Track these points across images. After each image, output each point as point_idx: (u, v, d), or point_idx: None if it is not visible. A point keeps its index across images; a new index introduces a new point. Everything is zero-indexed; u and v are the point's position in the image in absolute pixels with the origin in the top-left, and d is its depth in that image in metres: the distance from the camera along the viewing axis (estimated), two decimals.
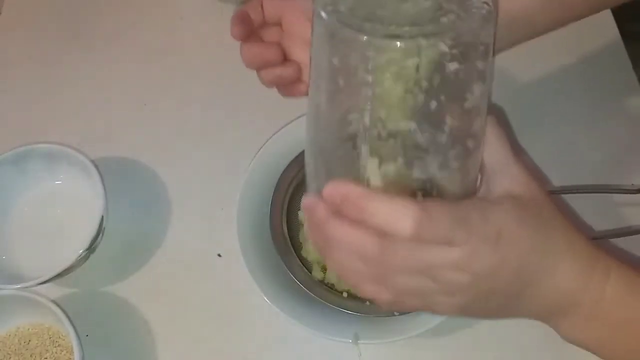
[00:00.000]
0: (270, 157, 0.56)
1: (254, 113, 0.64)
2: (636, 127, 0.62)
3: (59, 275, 0.52)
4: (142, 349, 0.53)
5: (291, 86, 0.48)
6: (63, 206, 0.58)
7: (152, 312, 0.55)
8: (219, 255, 0.57)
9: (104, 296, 0.55)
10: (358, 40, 0.32)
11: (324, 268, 0.54)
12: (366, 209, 0.31)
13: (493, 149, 0.36)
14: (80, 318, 0.50)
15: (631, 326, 0.35)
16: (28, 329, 0.53)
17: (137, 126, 0.64)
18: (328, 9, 0.33)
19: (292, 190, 0.56)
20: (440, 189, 0.35)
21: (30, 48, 0.69)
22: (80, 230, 0.54)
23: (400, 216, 0.30)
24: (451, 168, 0.34)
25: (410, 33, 0.31)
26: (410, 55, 0.32)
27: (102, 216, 0.53)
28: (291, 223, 0.55)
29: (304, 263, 0.53)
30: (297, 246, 0.54)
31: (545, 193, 0.35)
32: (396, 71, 0.32)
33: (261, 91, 0.65)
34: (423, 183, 0.34)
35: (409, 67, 0.32)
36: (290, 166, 0.56)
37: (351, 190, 0.31)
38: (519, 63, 0.66)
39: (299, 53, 0.47)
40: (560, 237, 0.34)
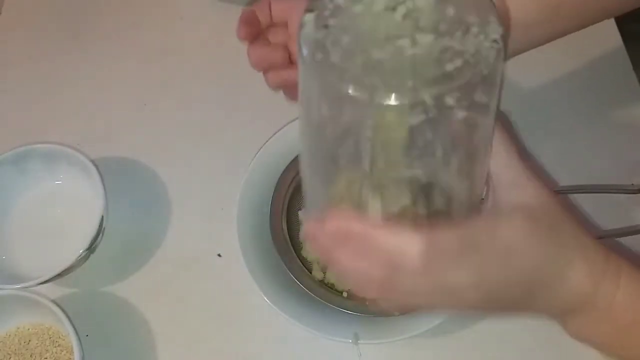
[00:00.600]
0: (270, 157, 0.56)
1: (254, 113, 0.64)
2: (636, 127, 0.62)
3: (59, 275, 0.52)
4: (142, 349, 0.53)
5: (297, 90, 0.48)
6: (63, 206, 0.58)
7: (152, 312, 0.55)
8: (219, 255, 0.57)
9: (104, 296, 0.55)
10: (357, 99, 0.27)
11: (324, 268, 0.54)
12: (371, 243, 0.30)
13: (501, 161, 0.34)
14: (80, 318, 0.50)
15: None
16: (28, 329, 0.53)
17: (137, 126, 0.64)
18: (317, 57, 0.29)
19: (292, 190, 0.56)
20: (446, 206, 0.34)
21: (30, 48, 0.69)
22: (80, 230, 0.54)
23: (407, 249, 0.30)
24: (458, 193, 0.33)
25: (414, 88, 0.27)
26: (414, 112, 0.28)
27: (102, 216, 0.53)
28: (291, 223, 0.55)
29: (304, 263, 0.53)
30: (297, 246, 0.54)
31: (555, 199, 0.34)
32: (397, 126, 0.29)
33: (261, 91, 0.65)
34: (427, 203, 0.33)
35: (412, 122, 0.28)
36: (290, 166, 0.56)
37: (355, 224, 0.31)
38: (519, 64, 0.66)
39: None
40: (571, 243, 0.34)
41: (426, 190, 0.32)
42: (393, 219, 0.32)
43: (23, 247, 0.56)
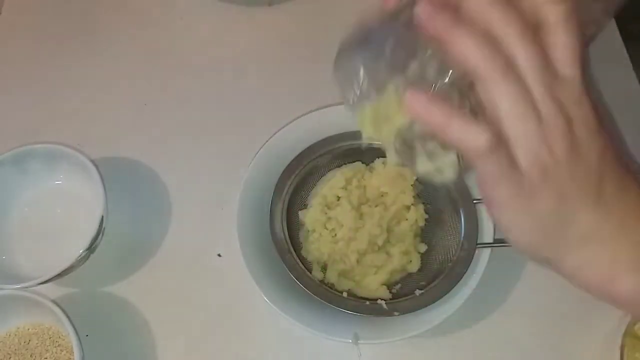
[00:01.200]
0: (270, 157, 0.56)
1: (254, 113, 0.64)
2: (636, 127, 0.62)
3: (59, 275, 0.52)
4: (142, 349, 0.53)
5: None
6: (63, 206, 0.59)
7: (152, 312, 0.55)
8: (219, 255, 0.57)
9: (104, 296, 0.56)
10: None
11: (324, 268, 0.54)
12: None
13: None
14: (80, 318, 0.50)
15: None
16: (28, 329, 0.53)
17: (138, 126, 0.64)
18: None
19: (292, 190, 0.56)
20: None
21: (30, 48, 0.69)
22: (80, 230, 0.54)
23: None
24: None
25: None
26: None
27: (102, 216, 0.53)
28: (291, 223, 0.55)
29: (304, 263, 0.53)
30: (297, 246, 0.54)
31: None
32: None
33: (261, 91, 0.65)
34: None
35: None
36: (290, 166, 0.56)
37: None
38: None
39: None
40: None
41: None
42: None
43: (23, 247, 0.56)
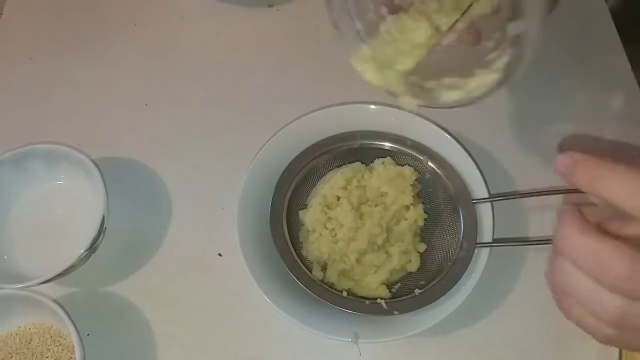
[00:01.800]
0: (270, 157, 0.57)
1: (254, 113, 0.64)
2: (636, 128, 0.62)
3: (60, 274, 0.52)
4: (143, 348, 0.53)
5: None
6: (64, 206, 0.59)
7: (153, 312, 0.55)
8: (220, 255, 0.57)
9: (105, 295, 0.56)
10: None
11: (324, 268, 0.54)
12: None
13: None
14: (81, 317, 0.51)
15: None
16: (29, 329, 0.53)
17: (138, 126, 0.64)
18: None
19: (292, 190, 0.56)
20: None
21: (30, 48, 0.69)
22: (81, 229, 0.54)
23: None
24: None
25: None
26: None
27: (103, 216, 0.53)
28: (291, 223, 0.55)
29: (304, 263, 0.53)
30: (297, 246, 0.55)
31: None
32: None
33: (261, 91, 0.66)
34: None
35: None
36: (290, 166, 0.57)
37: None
38: None
39: None
40: None
41: None
42: None
43: (24, 247, 0.56)
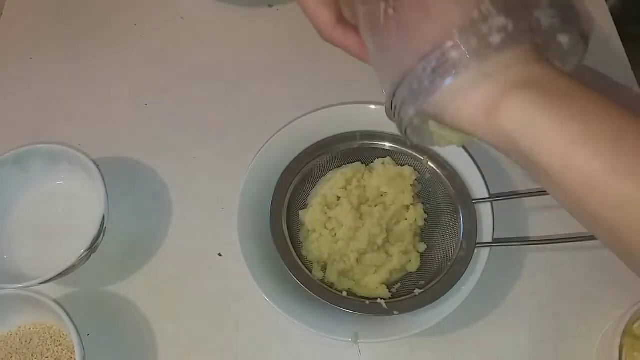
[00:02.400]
0: (270, 157, 0.57)
1: (254, 113, 0.64)
2: None
3: (61, 274, 0.52)
4: (143, 348, 0.53)
5: None
6: (64, 206, 0.59)
7: (153, 311, 0.55)
8: (220, 254, 0.57)
9: (105, 295, 0.56)
10: None
11: (324, 268, 0.54)
12: None
13: None
14: (81, 317, 0.51)
15: None
16: (29, 328, 0.53)
17: (138, 126, 0.64)
18: None
19: (292, 190, 0.56)
20: None
21: (31, 48, 0.69)
22: (81, 229, 0.54)
23: None
24: None
25: None
26: None
27: (103, 216, 0.53)
28: (291, 223, 0.55)
29: (304, 263, 0.53)
30: (297, 246, 0.55)
31: None
32: None
33: (261, 91, 0.66)
34: None
35: None
36: (290, 166, 0.57)
37: None
38: None
39: None
40: None
41: None
42: None
43: (24, 247, 0.57)
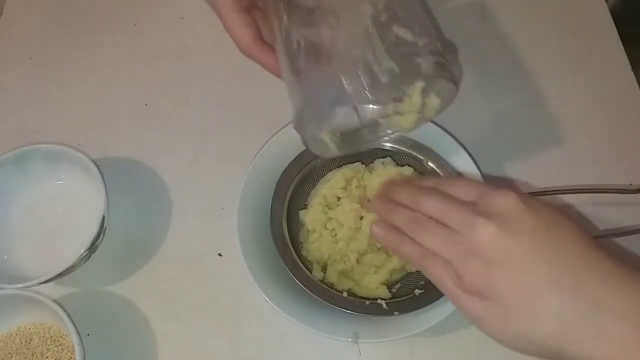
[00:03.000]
0: (270, 157, 0.57)
1: (254, 113, 0.64)
2: (635, 128, 0.62)
3: (61, 274, 0.52)
4: (143, 348, 0.53)
5: None
6: (64, 206, 0.59)
7: (153, 311, 0.55)
8: (220, 254, 0.57)
9: (105, 295, 0.56)
10: None
11: (324, 268, 0.54)
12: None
13: None
14: (81, 317, 0.51)
15: None
16: (29, 328, 0.53)
17: (138, 126, 0.64)
18: None
19: (292, 190, 0.56)
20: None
21: (31, 48, 0.69)
22: (81, 229, 0.54)
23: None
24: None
25: None
26: None
27: (103, 216, 0.53)
28: (291, 223, 0.55)
29: (304, 263, 0.53)
30: (297, 246, 0.55)
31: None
32: None
33: (261, 91, 0.65)
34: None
35: None
36: (290, 166, 0.56)
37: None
38: (518, 66, 0.66)
39: None
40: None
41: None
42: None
43: (24, 247, 0.57)
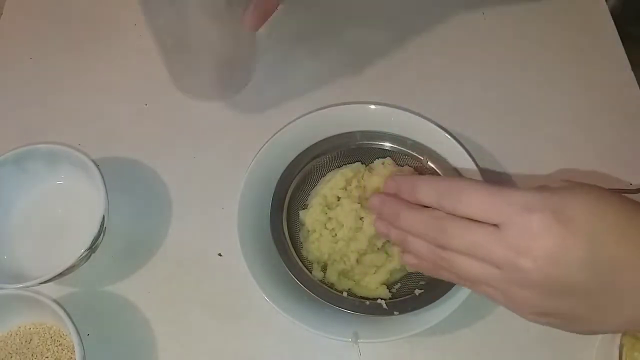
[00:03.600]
0: (270, 157, 0.57)
1: (254, 113, 0.64)
2: (635, 128, 0.62)
3: (61, 274, 0.52)
4: (143, 348, 0.53)
5: None
6: (64, 206, 0.59)
7: (153, 311, 0.55)
8: (220, 254, 0.57)
9: (105, 295, 0.56)
10: None
11: (324, 268, 0.54)
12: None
13: None
14: (81, 317, 0.51)
15: None
16: (29, 328, 0.53)
17: (138, 126, 0.64)
18: None
19: (292, 190, 0.56)
20: None
21: (31, 48, 0.69)
22: (81, 229, 0.54)
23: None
24: None
25: None
26: None
27: (104, 216, 0.53)
28: (291, 223, 0.55)
29: (304, 263, 0.53)
30: (297, 246, 0.55)
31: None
32: None
33: (261, 91, 0.65)
34: None
35: None
36: (290, 166, 0.57)
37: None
38: (518, 66, 0.66)
39: None
40: None
41: None
42: None
43: (24, 247, 0.56)
